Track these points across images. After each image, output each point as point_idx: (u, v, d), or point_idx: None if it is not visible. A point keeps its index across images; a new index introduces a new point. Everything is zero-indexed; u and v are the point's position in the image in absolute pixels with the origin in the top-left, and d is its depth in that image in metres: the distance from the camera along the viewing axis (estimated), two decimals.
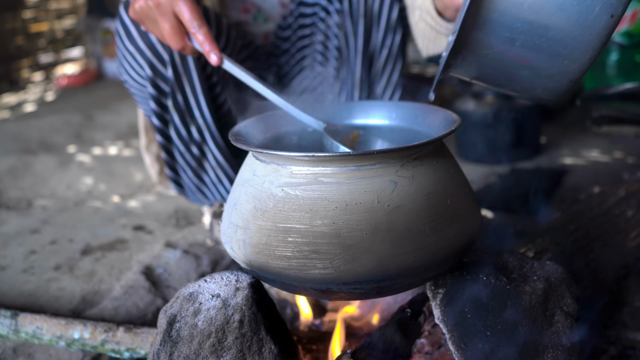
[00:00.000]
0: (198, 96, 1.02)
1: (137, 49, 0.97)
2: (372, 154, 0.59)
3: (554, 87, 0.59)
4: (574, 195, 1.34)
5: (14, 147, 2.15)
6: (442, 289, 0.67)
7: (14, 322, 0.91)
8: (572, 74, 0.57)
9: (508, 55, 0.58)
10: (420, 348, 0.71)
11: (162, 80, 1.00)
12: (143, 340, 0.85)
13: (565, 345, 0.63)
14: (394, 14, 1.04)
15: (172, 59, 0.98)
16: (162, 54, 0.97)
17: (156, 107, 1.02)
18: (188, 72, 1.00)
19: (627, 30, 1.89)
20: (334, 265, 0.59)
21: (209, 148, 1.06)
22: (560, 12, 0.54)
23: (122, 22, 0.98)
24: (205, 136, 1.05)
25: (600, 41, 0.54)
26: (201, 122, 1.04)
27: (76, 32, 3.94)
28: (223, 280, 0.68)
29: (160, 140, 1.06)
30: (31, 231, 1.42)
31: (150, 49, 0.97)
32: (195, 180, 1.10)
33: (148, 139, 1.21)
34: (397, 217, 0.59)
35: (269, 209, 0.62)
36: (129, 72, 1.02)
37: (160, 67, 0.99)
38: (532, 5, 0.54)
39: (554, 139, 1.96)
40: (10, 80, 3.51)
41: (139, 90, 1.04)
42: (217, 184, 1.10)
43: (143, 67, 0.99)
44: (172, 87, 1.00)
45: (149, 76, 0.99)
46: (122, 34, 0.98)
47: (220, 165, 1.08)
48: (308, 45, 1.16)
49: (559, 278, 0.68)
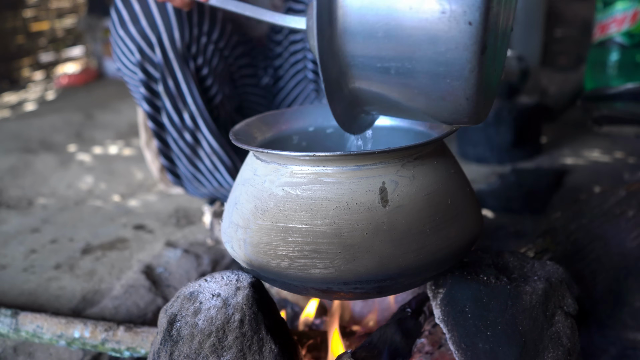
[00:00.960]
0: (190, 82, 1.03)
1: (127, 33, 0.99)
2: (372, 153, 0.59)
3: (457, 108, 0.55)
4: (575, 195, 1.34)
5: (14, 146, 2.15)
6: (442, 288, 0.67)
7: (14, 321, 0.91)
8: (463, 90, 0.53)
9: (393, 85, 0.55)
10: (421, 348, 0.71)
11: (151, 65, 1.01)
12: (143, 339, 0.85)
13: (566, 345, 0.63)
14: None
15: (160, 42, 0.99)
16: (150, 37, 0.98)
17: (146, 92, 1.03)
18: (179, 58, 1.00)
19: (627, 30, 1.89)
20: (335, 265, 0.59)
21: (202, 135, 1.07)
22: (418, 32, 0.50)
23: (116, 7, 1.00)
24: (199, 122, 1.05)
25: (471, 52, 0.50)
26: (194, 109, 1.04)
27: (77, 31, 3.94)
28: (223, 280, 0.68)
29: (152, 127, 1.06)
30: (31, 230, 1.42)
31: (140, 33, 0.98)
32: (191, 167, 1.10)
33: (148, 135, 1.21)
34: (397, 217, 0.59)
35: (269, 208, 0.62)
36: (121, 58, 1.03)
37: (148, 51, 0.99)
38: (387, 32, 0.51)
39: (554, 139, 1.96)
40: (11, 79, 3.51)
41: (130, 78, 1.05)
42: (213, 171, 1.10)
43: (133, 52, 1.00)
44: (162, 72, 1.01)
45: (138, 60, 1.00)
46: (114, 20, 1.00)
47: (215, 152, 1.08)
48: (300, 50, 1.15)
49: (560, 278, 0.68)
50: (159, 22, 0.98)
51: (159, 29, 0.98)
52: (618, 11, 1.84)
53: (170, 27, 0.99)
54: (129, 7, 0.99)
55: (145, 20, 0.98)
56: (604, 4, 1.85)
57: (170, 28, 0.99)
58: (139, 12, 0.98)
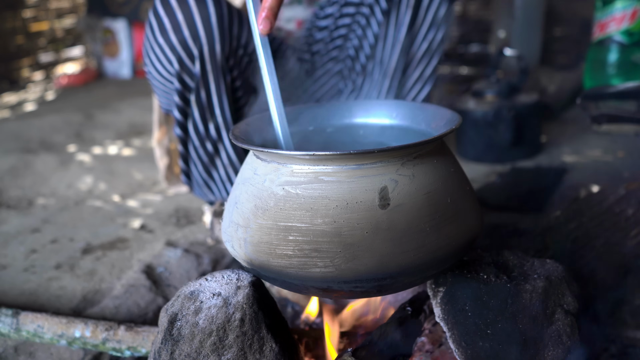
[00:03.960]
0: (222, 95, 1.02)
1: (167, 42, 0.97)
2: (372, 152, 0.59)
3: None
4: (574, 194, 1.34)
5: (14, 147, 2.15)
6: (442, 287, 0.67)
7: (15, 320, 0.91)
8: None
9: None
10: (421, 346, 0.71)
11: (188, 75, 0.99)
12: (144, 338, 0.85)
13: (566, 344, 0.64)
14: (441, 11, 1.05)
15: (201, 55, 0.97)
16: (192, 49, 0.97)
17: (180, 101, 1.02)
18: (216, 70, 1.00)
19: (627, 29, 1.89)
20: (335, 264, 0.59)
21: (224, 146, 1.06)
22: None
23: (156, 13, 0.97)
24: (222, 135, 1.05)
25: None
26: (220, 121, 1.04)
27: (76, 32, 3.94)
28: (224, 279, 0.68)
29: (178, 133, 1.06)
30: (32, 230, 1.42)
31: (182, 43, 0.96)
32: (205, 175, 1.10)
33: (161, 133, 1.21)
34: (397, 216, 0.60)
35: (269, 207, 0.62)
36: (155, 65, 1.01)
37: (188, 62, 0.98)
38: None
39: (554, 137, 1.96)
40: (11, 80, 3.51)
41: (162, 84, 1.04)
42: (226, 181, 1.11)
43: (172, 62, 0.98)
44: (197, 83, 0.99)
45: (176, 71, 0.99)
46: (154, 26, 0.98)
47: (232, 164, 1.08)
48: (344, 35, 1.15)
49: (560, 276, 0.68)
50: (201, 33, 0.96)
51: (201, 40, 0.97)
52: (617, 10, 1.84)
53: (212, 39, 0.97)
54: (172, 15, 0.96)
55: (188, 30, 0.96)
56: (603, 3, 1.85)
57: (212, 40, 0.97)
58: (181, 21, 0.96)
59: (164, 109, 1.17)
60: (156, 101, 1.35)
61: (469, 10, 2.86)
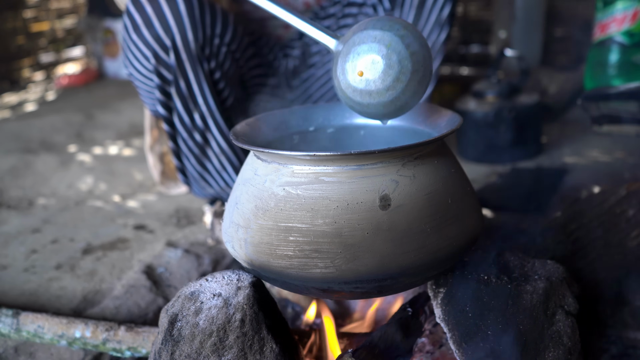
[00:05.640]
0: (202, 83, 1.02)
1: (141, 38, 0.98)
2: (373, 153, 0.59)
3: None
4: (575, 195, 1.34)
5: (14, 147, 2.15)
6: (443, 288, 0.67)
7: (15, 321, 0.91)
8: None
9: None
10: (422, 347, 0.71)
11: (165, 68, 1.00)
12: (144, 339, 0.85)
13: (567, 345, 0.63)
14: (445, 11, 1.05)
15: (174, 45, 0.98)
16: (164, 41, 0.98)
17: (162, 96, 1.02)
18: (191, 58, 1.00)
19: (628, 30, 1.89)
20: (335, 265, 0.59)
21: (212, 135, 1.06)
22: None
23: (128, 12, 0.98)
24: (209, 123, 1.05)
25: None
26: (204, 109, 1.04)
27: (77, 32, 3.94)
28: (224, 280, 0.68)
29: (167, 129, 1.06)
30: (32, 230, 1.42)
31: (154, 37, 0.97)
32: (199, 167, 1.10)
33: (153, 139, 1.21)
34: (398, 217, 0.59)
35: (270, 208, 0.62)
36: (134, 64, 1.02)
37: (163, 55, 0.99)
38: None
39: (555, 138, 1.96)
40: (11, 80, 3.51)
41: (143, 83, 1.04)
42: (221, 171, 1.10)
43: (148, 57, 0.99)
44: (174, 74, 1.00)
45: (154, 66, 0.99)
46: (127, 25, 0.99)
47: (224, 152, 1.08)
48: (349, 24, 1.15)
49: (560, 277, 0.68)
50: (172, 24, 0.98)
51: (172, 30, 0.98)
52: (618, 10, 1.84)
53: (183, 28, 0.98)
54: (142, 11, 0.98)
55: (159, 23, 0.97)
56: (604, 3, 1.85)
57: (183, 29, 0.98)
58: (152, 15, 0.97)
59: (151, 110, 1.17)
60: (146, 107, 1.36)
61: (470, 10, 2.86)
